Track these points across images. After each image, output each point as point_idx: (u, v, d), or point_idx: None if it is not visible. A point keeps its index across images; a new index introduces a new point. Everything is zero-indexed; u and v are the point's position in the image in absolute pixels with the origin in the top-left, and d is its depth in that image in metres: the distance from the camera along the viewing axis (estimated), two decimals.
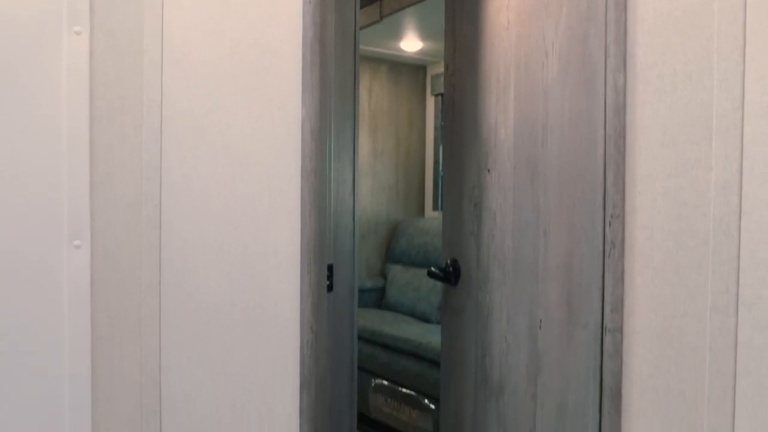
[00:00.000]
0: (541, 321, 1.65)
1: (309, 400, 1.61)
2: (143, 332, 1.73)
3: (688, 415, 1.34)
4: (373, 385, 3.45)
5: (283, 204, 1.62)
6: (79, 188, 1.60)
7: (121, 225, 1.68)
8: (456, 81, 1.92)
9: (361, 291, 4.14)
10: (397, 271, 4.20)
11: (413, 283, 4.01)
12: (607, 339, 1.44)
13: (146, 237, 1.71)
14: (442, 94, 3.38)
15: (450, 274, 1.91)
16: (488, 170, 1.77)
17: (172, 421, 1.74)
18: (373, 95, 4.41)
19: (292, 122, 1.60)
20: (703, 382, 1.31)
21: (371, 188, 4.42)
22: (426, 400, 3.11)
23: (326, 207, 1.72)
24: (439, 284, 3.74)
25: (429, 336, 3.26)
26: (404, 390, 3.27)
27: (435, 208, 4.51)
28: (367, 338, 3.53)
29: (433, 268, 1.90)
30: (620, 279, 1.41)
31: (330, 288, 1.75)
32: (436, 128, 4.48)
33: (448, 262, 1.92)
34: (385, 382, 3.39)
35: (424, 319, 3.82)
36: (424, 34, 4.01)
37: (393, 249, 4.33)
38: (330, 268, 1.75)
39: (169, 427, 1.74)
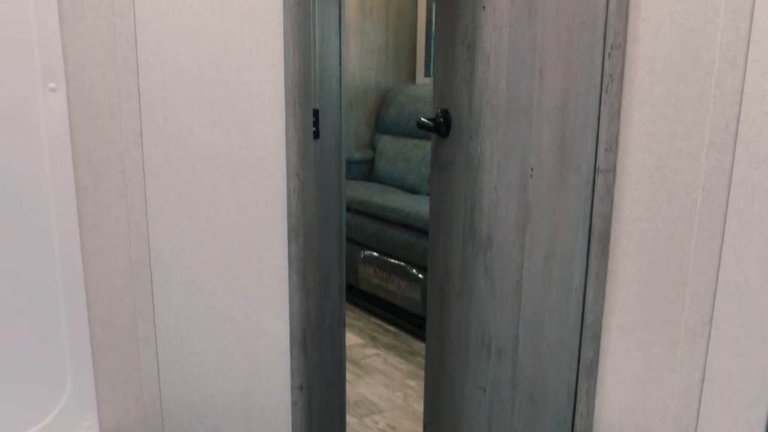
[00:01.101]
0: (532, 169, 1.62)
1: (297, 250, 1.60)
2: (128, 182, 1.69)
3: (675, 257, 1.35)
4: (361, 256, 3.48)
5: (265, 40, 1.53)
6: (48, 22, 1.50)
7: (96, 67, 1.60)
8: None
9: (350, 163, 4.09)
10: (386, 142, 4.13)
11: (403, 154, 3.96)
12: (599, 180, 1.42)
13: (123, 81, 1.63)
14: None
15: (440, 125, 1.85)
16: (483, 7, 1.67)
17: (163, 274, 1.74)
18: None
19: None
20: (692, 222, 1.30)
21: (359, 51, 4.20)
22: (414, 270, 3.15)
23: (311, 46, 1.63)
24: (429, 155, 3.70)
25: (418, 206, 3.26)
26: (393, 260, 3.31)
27: (427, 74, 4.33)
28: (356, 209, 3.53)
29: (422, 119, 1.85)
30: (616, 115, 1.37)
31: (316, 135, 1.70)
32: None
33: (439, 112, 1.86)
34: (374, 253, 3.43)
35: (414, 191, 3.81)
36: None
37: (382, 118, 4.22)
38: (316, 113, 1.69)
39: (159, 279, 1.74)
